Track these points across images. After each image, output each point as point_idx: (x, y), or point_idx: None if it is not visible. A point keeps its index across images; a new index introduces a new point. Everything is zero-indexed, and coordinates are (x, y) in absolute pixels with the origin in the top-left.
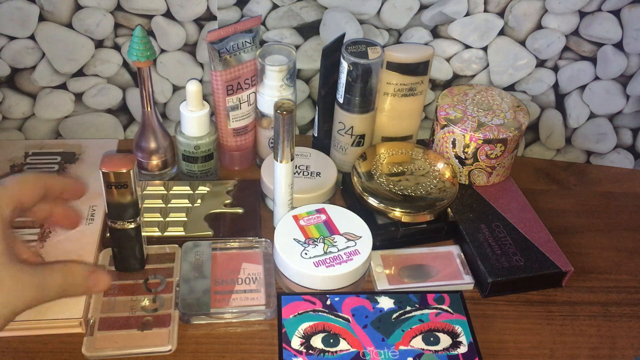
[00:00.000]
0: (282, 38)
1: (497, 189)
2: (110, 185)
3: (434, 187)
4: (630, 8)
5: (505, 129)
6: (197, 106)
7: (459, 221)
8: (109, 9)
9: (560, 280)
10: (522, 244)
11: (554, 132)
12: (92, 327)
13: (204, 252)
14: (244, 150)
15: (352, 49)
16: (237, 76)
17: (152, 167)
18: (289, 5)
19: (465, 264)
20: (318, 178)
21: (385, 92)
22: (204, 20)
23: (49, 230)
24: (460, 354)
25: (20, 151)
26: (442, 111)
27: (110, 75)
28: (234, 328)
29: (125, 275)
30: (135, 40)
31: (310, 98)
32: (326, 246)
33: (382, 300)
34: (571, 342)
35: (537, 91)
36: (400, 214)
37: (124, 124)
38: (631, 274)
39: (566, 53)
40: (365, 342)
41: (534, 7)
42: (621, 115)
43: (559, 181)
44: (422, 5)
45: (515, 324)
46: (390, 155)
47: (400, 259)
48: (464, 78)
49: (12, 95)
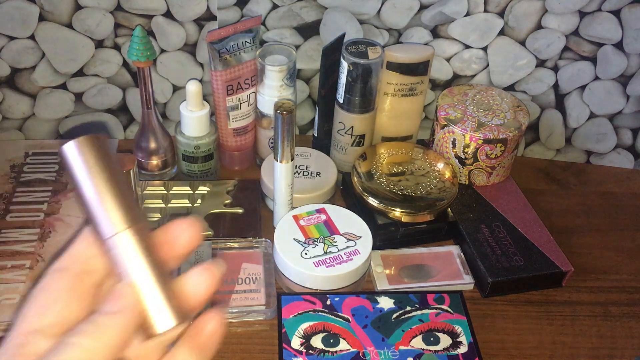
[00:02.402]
0: (282, 38)
1: (497, 189)
2: None
3: (434, 187)
4: (630, 8)
5: (505, 129)
6: (197, 106)
7: (459, 221)
8: (109, 9)
9: (560, 280)
10: (522, 244)
11: (554, 132)
12: None
13: (204, 252)
14: (244, 150)
15: (352, 49)
16: (237, 76)
17: (152, 167)
18: (289, 5)
19: (465, 264)
20: (318, 178)
21: (385, 92)
22: (204, 20)
23: (49, 230)
24: (460, 354)
25: (20, 151)
26: (442, 111)
27: (110, 75)
28: (234, 328)
29: None
30: (135, 40)
31: (310, 98)
32: (326, 246)
33: (382, 300)
34: (571, 342)
35: (537, 91)
36: (400, 214)
37: (124, 124)
38: (631, 274)
39: (566, 53)
40: (365, 342)
41: (534, 7)
42: (621, 115)
43: (559, 181)
44: (422, 5)
45: (515, 324)
46: (390, 155)
47: (400, 259)
48: (464, 78)
49: (12, 95)
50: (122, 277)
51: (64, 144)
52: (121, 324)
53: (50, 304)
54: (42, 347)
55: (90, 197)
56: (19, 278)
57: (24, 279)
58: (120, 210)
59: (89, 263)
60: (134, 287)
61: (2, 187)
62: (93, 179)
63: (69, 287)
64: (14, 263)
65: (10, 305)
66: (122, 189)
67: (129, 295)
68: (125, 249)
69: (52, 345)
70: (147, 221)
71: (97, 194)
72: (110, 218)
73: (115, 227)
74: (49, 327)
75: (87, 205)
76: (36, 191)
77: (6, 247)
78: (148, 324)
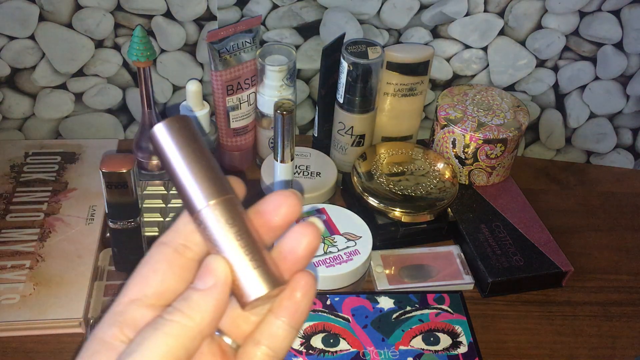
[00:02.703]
0: (282, 38)
1: (497, 189)
2: (110, 185)
3: (434, 187)
4: (630, 8)
5: (505, 129)
6: (197, 106)
7: (459, 221)
8: (109, 9)
9: (560, 280)
10: (522, 244)
11: (554, 132)
12: (92, 327)
13: None
14: (244, 150)
15: (352, 49)
16: (237, 76)
17: (152, 167)
18: (289, 5)
19: (465, 264)
20: (318, 178)
21: (385, 92)
22: (204, 20)
23: (49, 230)
24: (460, 354)
25: (20, 151)
26: (442, 111)
27: (110, 75)
28: None
29: (125, 275)
30: (135, 40)
31: (310, 98)
32: (326, 246)
33: (382, 300)
34: (571, 342)
35: (537, 91)
36: (400, 214)
37: (124, 124)
38: (631, 274)
39: (566, 53)
40: (365, 342)
41: (534, 7)
42: (621, 115)
43: (559, 181)
44: (422, 5)
45: (515, 324)
46: (390, 155)
47: (400, 259)
48: (464, 78)
49: (12, 95)
50: (213, 249)
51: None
52: (214, 300)
53: (150, 275)
54: (140, 316)
55: (179, 174)
56: (19, 278)
57: (24, 279)
58: (207, 184)
59: (188, 238)
60: (223, 259)
61: (2, 187)
62: (180, 156)
63: (169, 260)
64: (14, 263)
65: (10, 305)
66: (210, 164)
67: (219, 269)
68: (213, 222)
69: (150, 314)
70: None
71: (185, 170)
72: (197, 193)
73: (202, 201)
74: (147, 297)
75: (178, 183)
76: (36, 191)
77: (6, 247)
78: (240, 293)
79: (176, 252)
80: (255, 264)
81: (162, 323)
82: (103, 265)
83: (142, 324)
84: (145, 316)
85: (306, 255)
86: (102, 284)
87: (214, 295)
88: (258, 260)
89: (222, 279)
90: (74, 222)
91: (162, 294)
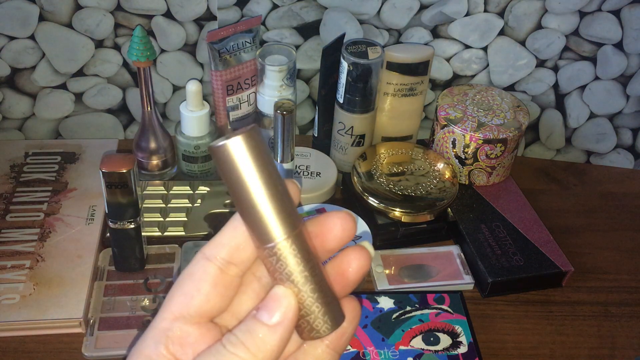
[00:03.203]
0: (282, 38)
1: (497, 189)
2: (110, 185)
3: (434, 187)
4: (630, 8)
5: (505, 129)
6: (197, 106)
7: (459, 221)
8: (109, 9)
9: (560, 280)
10: (522, 244)
11: (554, 132)
12: (92, 327)
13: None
14: None
15: (352, 49)
16: (237, 76)
17: (152, 167)
18: (289, 5)
19: (465, 264)
20: (318, 178)
21: (385, 92)
22: (204, 20)
23: (49, 230)
24: (460, 354)
25: (20, 151)
26: (442, 111)
27: (110, 75)
28: None
29: (125, 275)
30: (135, 40)
31: (310, 98)
32: None
33: (382, 300)
34: (571, 342)
35: (537, 91)
36: (400, 214)
37: (124, 124)
38: (631, 274)
39: (566, 53)
40: (365, 342)
41: (534, 7)
42: (621, 115)
43: (559, 181)
44: (422, 5)
45: (515, 324)
46: (390, 155)
47: (400, 259)
48: (464, 78)
49: (12, 95)
50: (283, 283)
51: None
52: (279, 338)
53: (194, 292)
54: (186, 334)
55: (256, 201)
56: (19, 278)
57: (24, 279)
58: (283, 214)
59: (233, 255)
60: (292, 294)
61: (2, 187)
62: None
63: (213, 280)
64: (14, 263)
65: (10, 305)
66: (284, 187)
67: (289, 305)
68: (290, 256)
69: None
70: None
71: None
72: (275, 224)
73: (279, 233)
74: (191, 315)
75: (252, 210)
76: (36, 191)
77: (6, 247)
78: (308, 328)
79: (220, 271)
80: (326, 301)
81: (224, 355)
82: (103, 265)
83: (189, 341)
84: (191, 334)
85: (355, 280)
86: (102, 284)
87: (280, 332)
88: (329, 297)
89: (290, 316)
90: (74, 222)
91: (207, 312)
